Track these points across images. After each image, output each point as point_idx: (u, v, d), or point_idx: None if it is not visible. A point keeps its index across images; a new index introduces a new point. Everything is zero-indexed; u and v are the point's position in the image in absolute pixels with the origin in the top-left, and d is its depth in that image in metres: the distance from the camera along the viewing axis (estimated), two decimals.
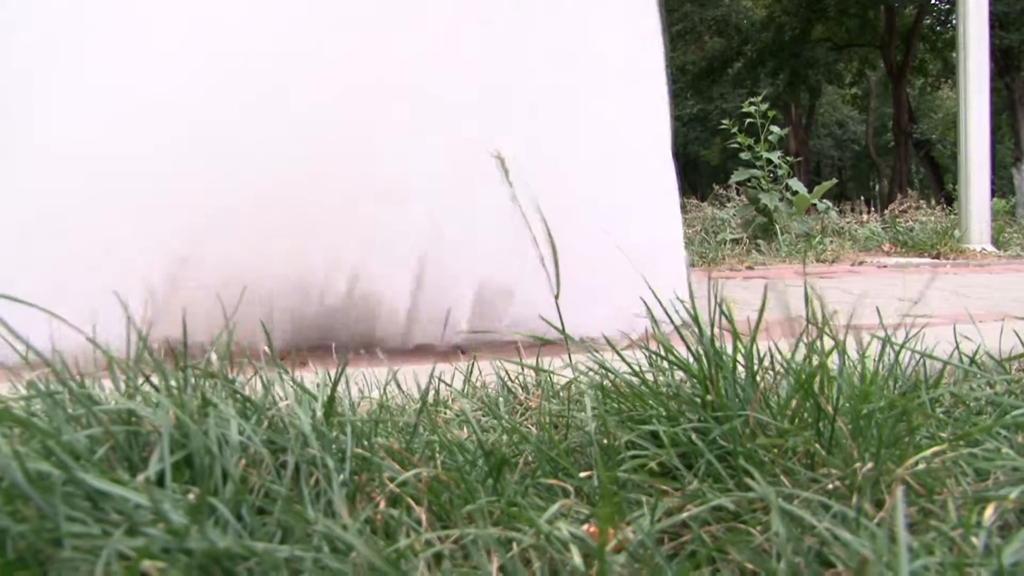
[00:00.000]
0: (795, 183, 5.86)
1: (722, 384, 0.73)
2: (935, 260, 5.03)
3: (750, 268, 4.34)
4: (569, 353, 0.98)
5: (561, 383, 0.96)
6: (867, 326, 0.82)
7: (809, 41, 20.88)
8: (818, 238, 5.59)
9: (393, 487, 0.61)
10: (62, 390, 0.64)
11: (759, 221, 5.69)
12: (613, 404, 0.79)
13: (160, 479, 0.55)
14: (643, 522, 0.58)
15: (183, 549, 0.47)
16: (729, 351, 0.75)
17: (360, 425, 0.69)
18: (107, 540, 0.47)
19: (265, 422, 0.65)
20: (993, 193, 9.44)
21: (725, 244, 5.41)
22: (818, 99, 24.20)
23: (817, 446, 0.68)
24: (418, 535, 0.56)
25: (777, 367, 0.78)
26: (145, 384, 0.68)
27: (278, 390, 0.72)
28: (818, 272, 4.01)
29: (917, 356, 0.87)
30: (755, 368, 0.75)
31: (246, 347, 0.86)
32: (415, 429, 0.74)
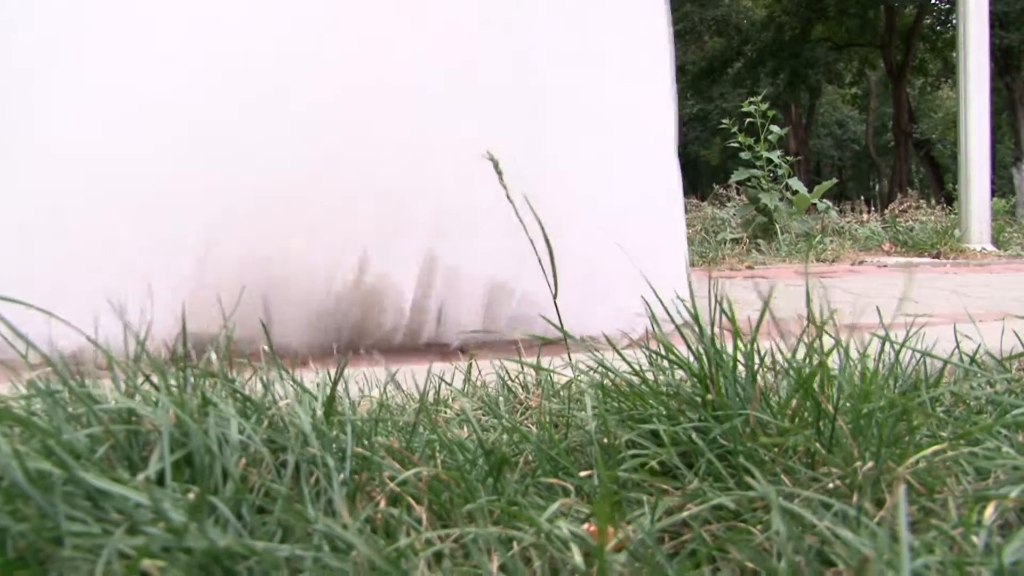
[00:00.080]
0: (795, 183, 5.87)
1: (722, 383, 0.73)
2: (935, 260, 5.04)
3: (750, 268, 4.34)
4: (569, 352, 0.98)
5: (561, 382, 0.96)
6: (867, 325, 0.82)
7: (809, 41, 20.89)
8: (818, 238, 5.59)
9: (393, 486, 0.61)
10: (62, 389, 0.64)
11: (759, 221, 5.69)
12: (613, 403, 0.79)
13: (160, 478, 0.55)
14: (643, 521, 0.58)
15: (183, 548, 0.47)
16: (729, 350, 0.75)
17: (360, 424, 0.69)
18: (107, 539, 0.47)
19: (265, 421, 0.65)
20: (993, 193, 9.44)
21: (725, 244, 5.41)
22: (818, 99, 24.22)
23: (817, 445, 0.68)
24: (418, 534, 0.56)
25: (777, 366, 0.78)
26: (145, 383, 0.68)
27: (278, 389, 0.72)
28: (818, 272, 4.01)
29: (917, 355, 0.87)
30: (755, 367, 0.75)
31: (247, 346, 0.86)
32: (415, 428, 0.73)
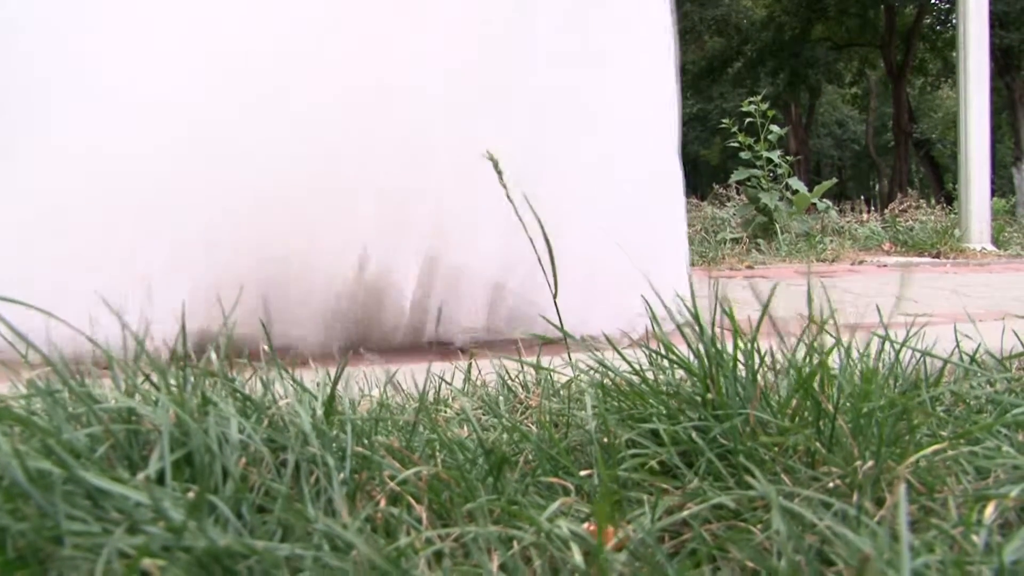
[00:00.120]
0: (795, 182, 5.86)
1: (722, 382, 0.73)
2: (935, 259, 5.03)
3: (750, 267, 4.34)
4: (569, 352, 0.98)
5: (561, 382, 0.95)
6: (867, 325, 0.82)
7: (809, 41, 20.89)
8: (818, 237, 5.59)
9: (393, 485, 0.61)
10: (62, 389, 0.64)
11: (759, 220, 5.69)
12: (613, 403, 0.79)
13: (160, 477, 0.55)
14: (644, 520, 0.58)
15: (183, 547, 0.47)
16: (730, 350, 0.75)
17: (360, 423, 0.69)
18: (107, 538, 0.47)
19: (265, 420, 0.65)
20: (993, 192, 9.43)
21: (725, 243, 5.41)
22: (818, 99, 24.21)
23: (818, 444, 0.68)
24: (418, 533, 0.56)
25: (778, 366, 0.78)
26: (145, 383, 0.68)
27: (279, 388, 0.72)
28: (818, 271, 4.01)
29: (917, 355, 0.87)
30: (755, 366, 0.75)
31: (247, 345, 0.86)
32: (415, 427, 0.73)
